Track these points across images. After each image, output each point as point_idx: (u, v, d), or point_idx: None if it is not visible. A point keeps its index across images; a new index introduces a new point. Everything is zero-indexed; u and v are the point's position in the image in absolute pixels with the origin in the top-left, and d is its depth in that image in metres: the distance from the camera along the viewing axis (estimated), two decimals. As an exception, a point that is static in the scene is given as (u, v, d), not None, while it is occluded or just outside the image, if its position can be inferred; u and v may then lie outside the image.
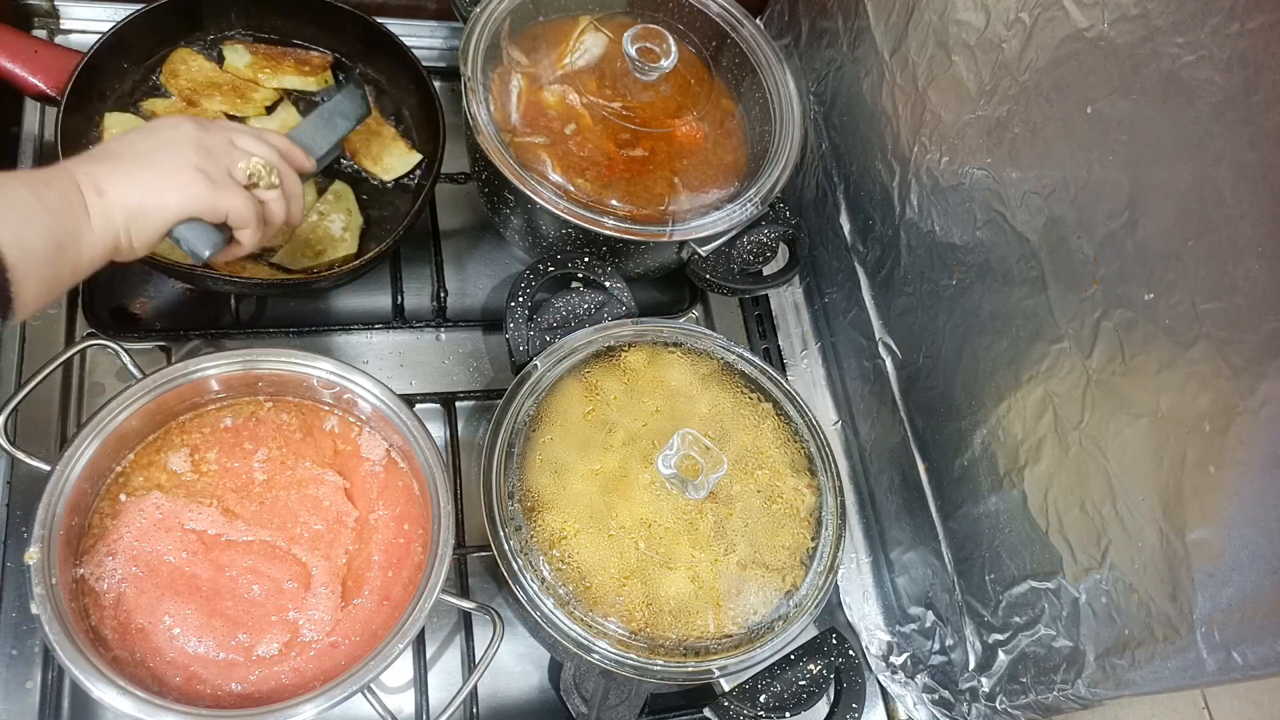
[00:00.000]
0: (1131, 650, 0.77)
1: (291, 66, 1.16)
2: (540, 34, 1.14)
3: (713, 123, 1.15)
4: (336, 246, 1.07)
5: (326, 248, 1.06)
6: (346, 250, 1.07)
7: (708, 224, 1.06)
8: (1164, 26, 0.71)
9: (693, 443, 0.90)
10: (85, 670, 0.73)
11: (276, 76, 1.15)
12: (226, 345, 1.02)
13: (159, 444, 0.90)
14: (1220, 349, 0.68)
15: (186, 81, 1.10)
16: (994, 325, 0.93)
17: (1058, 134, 0.83)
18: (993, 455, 0.94)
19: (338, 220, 1.08)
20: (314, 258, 1.05)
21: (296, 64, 1.16)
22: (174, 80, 1.10)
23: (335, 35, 1.19)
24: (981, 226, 0.94)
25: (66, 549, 0.81)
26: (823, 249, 1.25)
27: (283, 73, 1.15)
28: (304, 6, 1.15)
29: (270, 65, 1.15)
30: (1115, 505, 0.79)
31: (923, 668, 1.07)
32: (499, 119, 1.05)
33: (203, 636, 0.82)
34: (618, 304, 1.05)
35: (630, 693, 0.88)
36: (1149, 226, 0.74)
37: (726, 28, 1.20)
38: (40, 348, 1.00)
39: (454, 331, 1.16)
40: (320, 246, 1.06)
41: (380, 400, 0.91)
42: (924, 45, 1.00)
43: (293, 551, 0.88)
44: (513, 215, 1.11)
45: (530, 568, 0.86)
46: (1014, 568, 0.91)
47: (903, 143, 1.06)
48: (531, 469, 0.91)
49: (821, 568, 0.94)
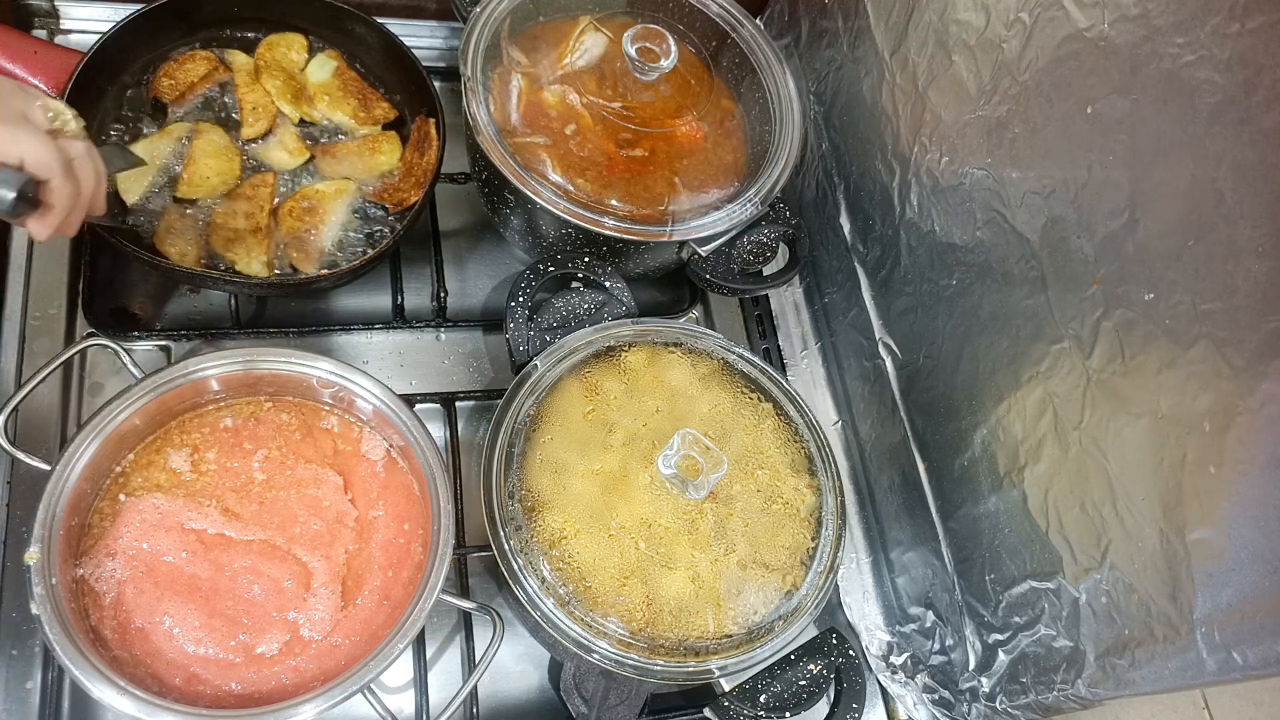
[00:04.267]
0: (1131, 650, 0.77)
1: (353, 104, 1.15)
2: (540, 34, 1.14)
3: (713, 123, 1.15)
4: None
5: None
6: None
7: (708, 224, 1.06)
8: (1164, 26, 0.71)
9: (693, 443, 0.89)
10: (85, 670, 0.73)
11: (333, 109, 1.14)
12: (226, 345, 1.02)
13: (159, 444, 0.90)
14: (1220, 349, 0.68)
15: (172, 86, 1.10)
16: (994, 325, 0.93)
17: (1058, 134, 0.83)
18: (993, 455, 0.94)
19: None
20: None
21: (361, 102, 1.15)
22: (168, 86, 1.10)
23: (337, 31, 1.19)
24: (981, 226, 0.94)
25: (66, 549, 0.81)
26: (823, 249, 1.25)
27: (339, 107, 1.14)
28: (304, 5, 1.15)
29: (338, 94, 1.14)
30: (1115, 505, 0.79)
31: (923, 668, 1.07)
32: (499, 119, 1.05)
33: (202, 636, 0.82)
34: (618, 304, 1.05)
35: (630, 693, 0.88)
36: (1149, 226, 0.74)
37: (726, 28, 1.20)
38: (40, 348, 1.00)
39: (454, 331, 1.16)
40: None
41: (380, 400, 0.91)
42: (924, 45, 1.00)
43: (293, 551, 0.88)
44: (513, 215, 1.11)
45: (530, 568, 0.86)
46: (1014, 568, 0.91)
47: (903, 143, 1.06)
48: (531, 469, 0.91)
49: (821, 568, 0.94)
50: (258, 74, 1.13)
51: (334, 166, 1.11)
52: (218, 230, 1.03)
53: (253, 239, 1.03)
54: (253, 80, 1.12)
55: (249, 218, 1.04)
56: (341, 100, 1.14)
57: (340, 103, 1.14)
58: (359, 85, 1.17)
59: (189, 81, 1.10)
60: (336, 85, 1.15)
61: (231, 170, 1.07)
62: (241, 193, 1.06)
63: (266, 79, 1.12)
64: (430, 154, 1.11)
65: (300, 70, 1.16)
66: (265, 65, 1.13)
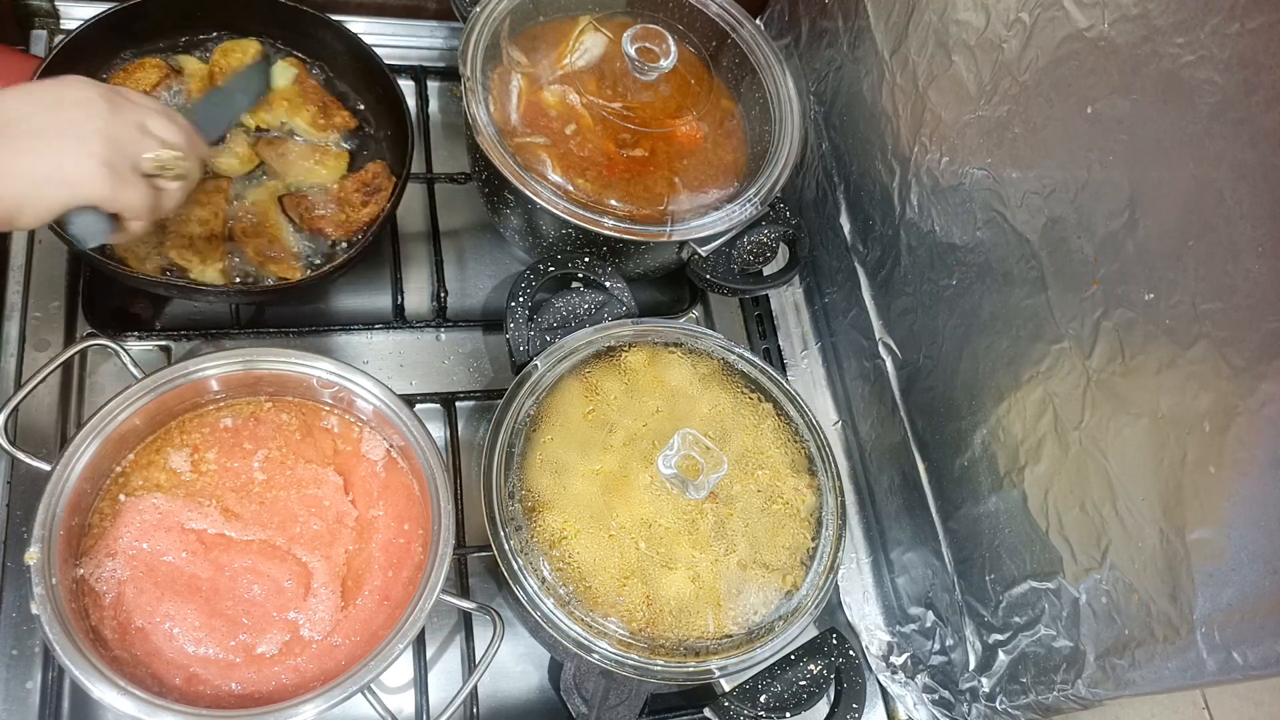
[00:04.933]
0: (1131, 650, 0.77)
1: (312, 111, 1.12)
2: (540, 34, 1.14)
3: (713, 123, 1.15)
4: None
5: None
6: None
7: (708, 224, 1.06)
8: (1164, 26, 0.71)
9: (693, 443, 0.89)
10: (85, 670, 0.73)
11: (292, 114, 1.11)
12: (226, 345, 1.02)
13: (159, 444, 0.90)
14: (1220, 349, 0.68)
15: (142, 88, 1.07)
16: (994, 325, 0.93)
17: (1058, 134, 0.83)
18: (993, 455, 0.94)
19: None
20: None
21: (320, 110, 1.13)
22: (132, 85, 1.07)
23: (299, 35, 1.16)
24: (981, 226, 0.94)
25: (66, 549, 0.81)
26: (823, 249, 1.25)
27: (298, 114, 1.12)
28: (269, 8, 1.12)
29: (298, 100, 1.12)
30: (1115, 505, 0.79)
31: (923, 668, 1.07)
32: (499, 119, 1.05)
33: (202, 636, 0.82)
34: (618, 304, 1.05)
35: (630, 693, 0.88)
36: (1149, 226, 0.74)
37: (726, 28, 1.20)
38: (40, 348, 1.00)
39: (454, 331, 1.16)
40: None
41: (380, 400, 0.91)
42: (924, 45, 1.00)
43: (293, 551, 0.88)
44: (513, 215, 1.11)
45: (530, 568, 0.86)
46: (1014, 568, 0.91)
47: (903, 143, 1.06)
48: (532, 469, 0.91)
49: (821, 568, 0.94)
50: (211, 80, 1.10)
51: (277, 161, 1.09)
52: (173, 237, 1.01)
53: (207, 246, 1.01)
54: (206, 86, 1.10)
55: (203, 224, 1.02)
56: (300, 107, 1.12)
57: (299, 109, 1.12)
58: (319, 93, 1.14)
59: (142, 91, 1.06)
60: (296, 92, 1.13)
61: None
62: (195, 199, 1.03)
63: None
64: (372, 207, 1.07)
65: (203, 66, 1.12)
66: (220, 72, 1.10)
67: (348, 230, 1.07)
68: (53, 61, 0.99)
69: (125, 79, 1.08)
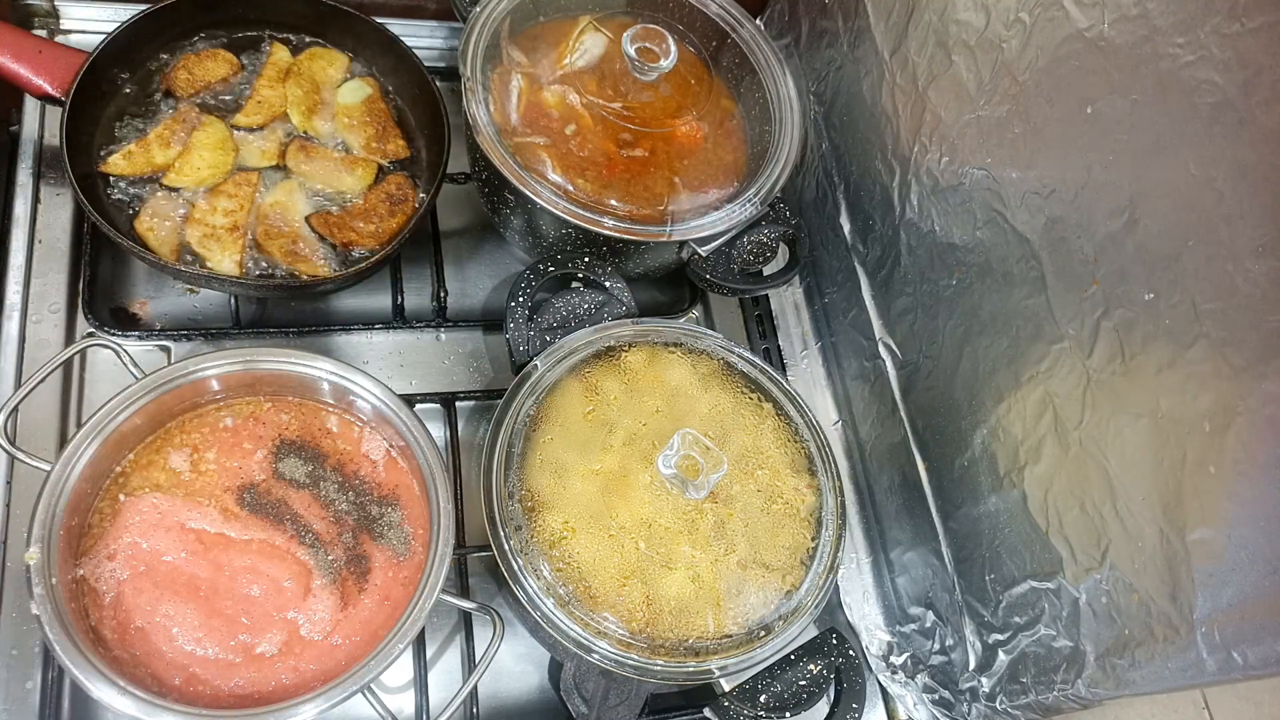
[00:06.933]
0: (1131, 650, 0.77)
1: (369, 134, 1.13)
2: (540, 34, 1.14)
3: (713, 123, 1.15)
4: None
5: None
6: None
7: (708, 224, 1.06)
8: (1164, 26, 0.71)
9: (693, 443, 0.89)
10: (85, 670, 0.73)
11: (347, 131, 1.13)
12: (226, 345, 1.02)
13: (159, 444, 0.90)
14: (1220, 349, 0.68)
15: (189, 82, 1.10)
16: (994, 325, 0.93)
17: (1058, 134, 0.83)
18: (993, 455, 0.94)
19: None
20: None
21: (378, 134, 1.14)
22: (185, 80, 1.10)
23: (347, 36, 1.19)
24: (981, 226, 0.94)
25: (66, 549, 0.81)
26: (823, 249, 1.25)
27: (353, 132, 1.13)
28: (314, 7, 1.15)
29: (362, 120, 1.14)
30: (1115, 505, 0.79)
31: (923, 668, 1.07)
32: (499, 119, 1.05)
33: (202, 636, 0.82)
34: (618, 304, 1.05)
35: (630, 693, 0.88)
36: (1149, 226, 0.74)
37: (726, 28, 1.20)
38: (40, 348, 1.00)
39: (454, 331, 1.16)
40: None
41: (380, 400, 0.91)
42: (924, 45, 1.00)
43: (292, 551, 0.88)
44: (513, 215, 1.11)
45: (530, 568, 0.86)
46: (1014, 568, 0.91)
47: (903, 143, 1.06)
48: (531, 469, 0.91)
49: (821, 568, 0.94)
50: (286, 75, 1.13)
51: (304, 165, 1.10)
52: (195, 224, 1.02)
53: (228, 237, 1.02)
54: (278, 78, 1.13)
55: (228, 215, 1.03)
56: (361, 126, 1.14)
57: (359, 128, 1.13)
58: (384, 117, 1.16)
59: (206, 80, 1.11)
60: (362, 111, 1.15)
61: (224, 165, 1.06)
62: (224, 189, 1.05)
63: (292, 83, 1.12)
64: (400, 217, 1.09)
65: (335, 87, 1.16)
66: (297, 72, 1.13)
67: (379, 240, 1.07)
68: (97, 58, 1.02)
69: (194, 65, 1.11)
